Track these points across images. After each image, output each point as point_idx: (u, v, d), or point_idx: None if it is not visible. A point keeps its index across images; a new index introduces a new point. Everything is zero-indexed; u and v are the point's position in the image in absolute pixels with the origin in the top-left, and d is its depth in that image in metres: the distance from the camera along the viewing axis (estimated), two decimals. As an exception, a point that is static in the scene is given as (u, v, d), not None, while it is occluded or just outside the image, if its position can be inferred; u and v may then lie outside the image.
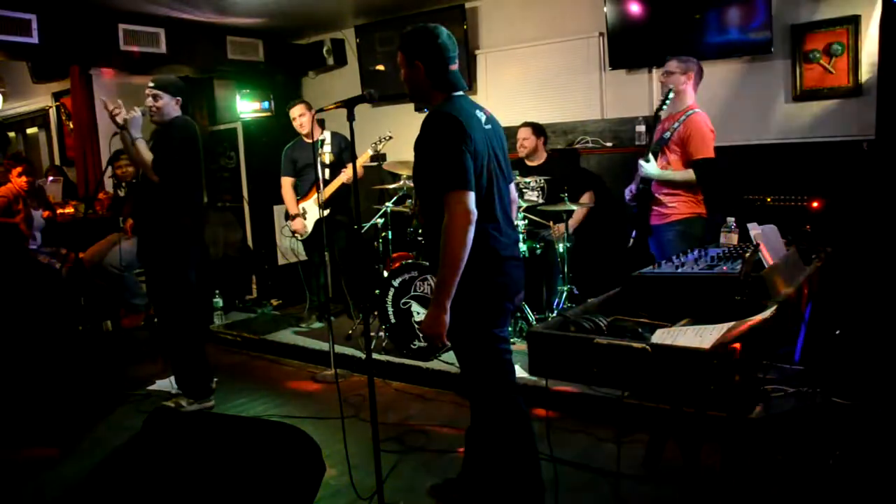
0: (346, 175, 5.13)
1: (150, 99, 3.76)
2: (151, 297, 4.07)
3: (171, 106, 3.79)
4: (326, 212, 5.03)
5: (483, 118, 2.52)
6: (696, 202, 3.68)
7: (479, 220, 2.33)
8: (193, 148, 3.81)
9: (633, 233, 3.89)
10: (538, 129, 4.99)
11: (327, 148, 5.22)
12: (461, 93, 2.51)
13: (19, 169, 5.51)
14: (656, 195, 3.75)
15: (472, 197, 2.29)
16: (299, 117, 5.24)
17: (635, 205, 3.87)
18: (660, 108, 3.68)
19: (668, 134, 3.69)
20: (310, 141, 5.31)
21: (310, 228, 5.31)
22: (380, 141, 4.99)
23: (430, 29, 2.49)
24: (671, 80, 3.72)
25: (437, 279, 2.32)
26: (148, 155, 3.68)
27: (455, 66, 2.51)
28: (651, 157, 3.68)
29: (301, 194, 5.36)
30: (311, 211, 5.29)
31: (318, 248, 5.37)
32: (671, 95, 3.63)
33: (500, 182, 2.52)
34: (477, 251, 2.34)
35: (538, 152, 5.01)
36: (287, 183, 5.36)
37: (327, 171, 5.19)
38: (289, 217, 5.37)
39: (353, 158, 2.75)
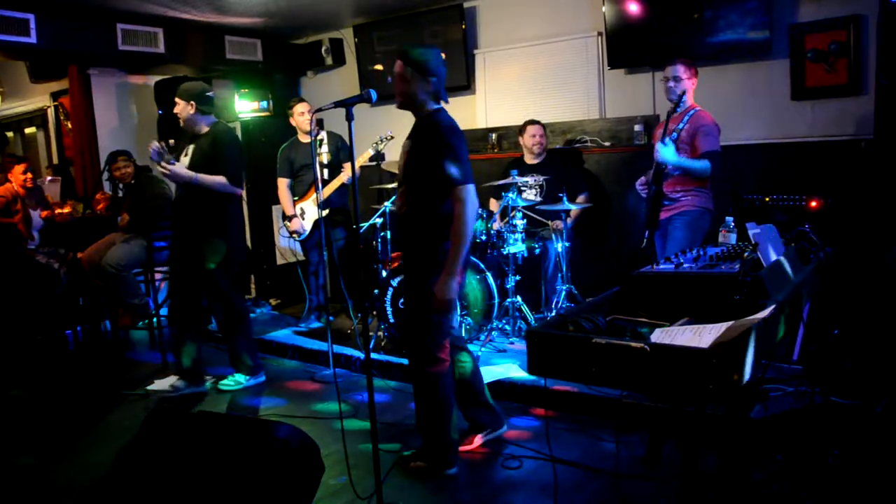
0: (345, 175, 5.14)
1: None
2: (183, 293, 4.22)
3: (186, 111, 4.04)
4: (325, 212, 5.03)
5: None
6: (707, 198, 3.83)
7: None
8: (242, 152, 4.24)
9: (647, 233, 3.91)
10: (544, 127, 5.02)
11: (324, 148, 5.21)
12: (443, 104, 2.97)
13: (22, 167, 5.52)
14: (668, 193, 3.79)
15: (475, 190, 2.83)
16: (308, 112, 5.25)
17: (647, 207, 3.89)
18: (673, 112, 3.71)
19: (674, 135, 3.71)
20: (305, 141, 5.32)
21: (308, 228, 5.30)
22: (381, 141, 4.99)
23: (435, 48, 2.92)
24: (680, 85, 3.77)
25: (451, 254, 2.81)
26: (215, 178, 3.96)
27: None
28: (669, 141, 3.68)
29: (298, 195, 5.35)
30: (310, 211, 5.29)
31: (316, 248, 5.37)
32: (685, 99, 3.69)
33: None
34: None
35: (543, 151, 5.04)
36: (283, 184, 5.36)
37: (325, 171, 5.19)
38: (285, 218, 5.37)
39: (353, 158, 2.75)
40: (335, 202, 5.22)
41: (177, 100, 4.06)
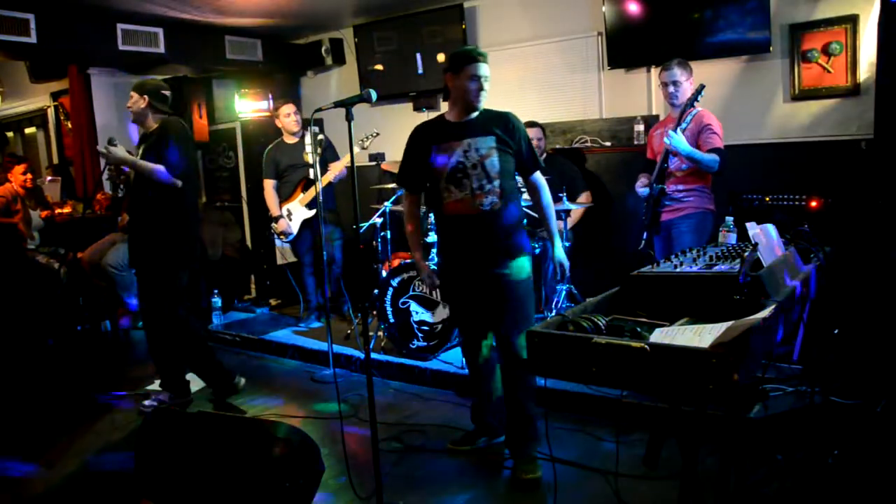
0: (331, 174, 5.14)
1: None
2: (142, 298, 4.01)
3: (138, 104, 3.89)
4: (313, 212, 5.02)
5: None
6: (709, 198, 3.82)
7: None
8: (192, 146, 3.99)
9: (645, 234, 3.90)
10: (543, 129, 5.02)
11: (309, 148, 5.22)
12: None
13: (22, 167, 5.52)
14: (672, 193, 3.78)
15: None
16: (293, 114, 5.28)
17: (647, 208, 3.87)
18: (689, 105, 3.67)
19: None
20: (290, 142, 5.33)
21: (295, 230, 5.30)
22: (366, 138, 4.99)
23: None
24: (681, 88, 3.75)
25: (553, 229, 3.27)
26: (153, 165, 3.73)
27: None
28: (679, 131, 3.62)
29: (284, 196, 5.35)
30: (297, 212, 5.29)
31: (311, 249, 5.37)
32: (702, 94, 3.65)
33: None
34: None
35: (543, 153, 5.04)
36: (269, 185, 5.37)
37: (311, 171, 5.19)
38: (272, 219, 5.37)
39: (352, 158, 2.77)
40: (323, 202, 5.22)
41: (132, 93, 3.92)
